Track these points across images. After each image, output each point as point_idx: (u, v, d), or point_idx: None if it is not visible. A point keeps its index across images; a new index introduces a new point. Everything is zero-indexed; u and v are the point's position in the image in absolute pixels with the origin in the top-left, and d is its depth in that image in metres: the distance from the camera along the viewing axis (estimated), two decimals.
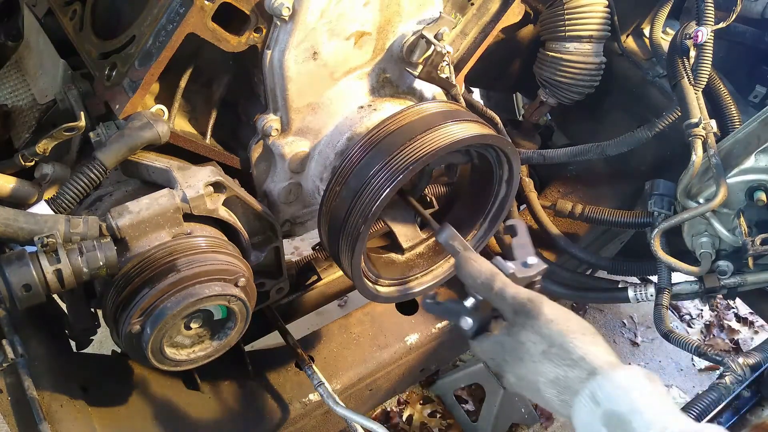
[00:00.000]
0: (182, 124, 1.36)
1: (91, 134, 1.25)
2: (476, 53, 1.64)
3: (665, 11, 1.95)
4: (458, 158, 1.43)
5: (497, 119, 1.68)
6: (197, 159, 1.34)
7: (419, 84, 1.51)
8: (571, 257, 1.90)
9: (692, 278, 1.73)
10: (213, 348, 1.28)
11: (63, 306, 1.41)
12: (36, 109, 1.39)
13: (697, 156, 1.59)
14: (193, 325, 1.24)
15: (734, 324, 3.19)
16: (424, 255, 1.51)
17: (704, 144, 1.59)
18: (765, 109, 1.54)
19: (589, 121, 2.10)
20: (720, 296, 1.76)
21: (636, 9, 2.00)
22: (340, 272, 1.97)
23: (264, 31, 1.25)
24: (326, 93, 1.38)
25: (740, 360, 1.50)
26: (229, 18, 1.21)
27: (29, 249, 1.08)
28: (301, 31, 1.26)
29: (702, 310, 3.25)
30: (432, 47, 1.38)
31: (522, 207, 1.96)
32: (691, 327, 3.18)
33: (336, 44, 1.32)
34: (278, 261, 1.50)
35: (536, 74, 1.92)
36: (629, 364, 0.94)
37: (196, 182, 1.23)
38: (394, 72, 1.46)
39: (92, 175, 1.19)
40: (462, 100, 1.51)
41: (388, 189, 1.19)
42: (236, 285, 1.23)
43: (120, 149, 1.20)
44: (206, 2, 1.16)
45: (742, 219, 1.62)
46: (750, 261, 1.62)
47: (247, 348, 1.75)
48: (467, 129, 1.26)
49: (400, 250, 1.47)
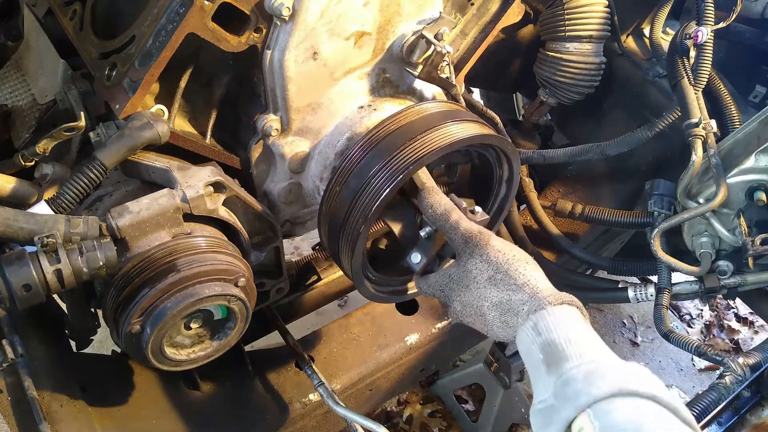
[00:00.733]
0: (182, 124, 1.36)
1: (91, 134, 1.25)
2: (476, 53, 1.64)
3: (665, 11, 1.96)
4: (458, 158, 1.43)
5: (497, 119, 1.68)
6: (197, 159, 1.34)
7: (419, 84, 1.51)
8: (571, 257, 1.90)
9: (692, 278, 1.73)
10: (213, 348, 1.28)
11: (63, 306, 1.41)
12: (36, 109, 1.39)
13: (697, 156, 1.59)
14: (193, 325, 1.24)
15: (734, 324, 3.19)
16: None
17: (704, 144, 1.60)
18: (765, 109, 1.54)
19: (589, 121, 2.10)
20: (720, 296, 1.76)
21: (636, 9, 2.00)
22: (340, 272, 1.97)
23: (264, 31, 1.25)
24: (326, 93, 1.38)
25: (740, 360, 1.50)
26: (229, 18, 1.21)
27: (29, 249, 1.08)
28: (301, 31, 1.26)
29: (702, 310, 3.25)
30: (432, 47, 1.38)
31: (522, 207, 1.96)
32: (691, 327, 3.18)
33: (336, 44, 1.32)
34: (278, 261, 1.50)
35: (536, 74, 1.92)
36: (563, 304, 1.02)
37: (196, 182, 1.23)
38: (394, 72, 1.46)
39: (92, 175, 1.19)
40: (462, 100, 1.51)
41: (388, 189, 1.19)
42: (236, 285, 1.23)
43: (120, 149, 1.20)
44: (206, 2, 1.16)
45: (742, 219, 1.62)
46: (750, 261, 1.61)
47: (247, 348, 1.75)
48: (467, 129, 1.26)
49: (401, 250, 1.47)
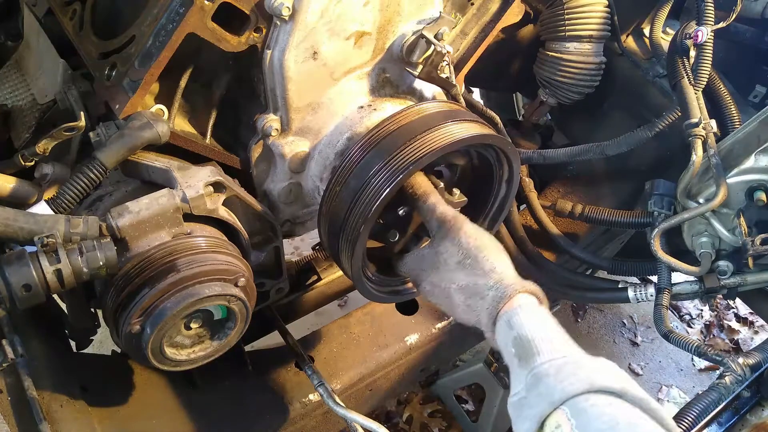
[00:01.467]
0: (182, 124, 1.35)
1: (91, 134, 1.25)
2: (476, 53, 1.64)
3: (665, 11, 1.95)
4: (458, 158, 1.43)
5: (497, 119, 1.67)
6: (197, 159, 1.33)
7: (419, 84, 1.51)
8: (571, 257, 1.90)
9: (692, 278, 1.72)
10: (213, 348, 1.28)
11: (63, 306, 1.41)
12: (36, 109, 1.39)
13: (697, 156, 1.59)
14: (193, 325, 1.24)
15: (734, 324, 3.19)
16: None
17: (704, 144, 1.59)
18: (765, 109, 1.53)
19: (589, 121, 2.10)
20: (720, 296, 1.76)
21: (636, 9, 2.00)
22: (340, 272, 1.97)
23: (264, 31, 1.25)
24: (326, 93, 1.38)
25: (740, 360, 1.50)
26: (229, 18, 1.21)
27: (29, 249, 1.08)
28: (301, 31, 1.25)
29: (702, 310, 3.25)
30: (432, 47, 1.38)
31: (522, 207, 1.95)
32: (691, 327, 3.18)
33: (336, 44, 1.32)
34: (278, 261, 1.50)
35: (536, 74, 1.91)
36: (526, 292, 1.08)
37: (196, 182, 1.23)
38: (394, 72, 1.46)
39: (92, 175, 1.19)
40: (462, 100, 1.51)
41: (388, 189, 1.19)
42: (236, 285, 1.23)
43: (120, 149, 1.20)
44: (206, 2, 1.15)
45: (742, 219, 1.62)
46: (750, 261, 1.61)
47: (247, 348, 1.76)
48: (467, 129, 1.26)
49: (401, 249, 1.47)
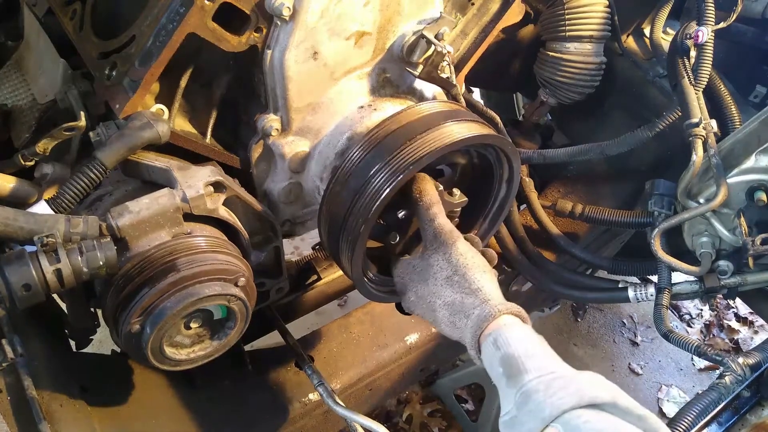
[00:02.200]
0: (182, 124, 1.35)
1: (91, 134, 1.25)
2: (476, 53, 1.63)
3: (666, 11, 1.95)
4: (459, 157, 1.43)
5: (497, 119, 1.67)
6: (197, 159, 1.33)
7: (419, 84, 1.51)
8: (571, 257, 1.90)
9: (692, 278, 1.72)
10: (213, 348, 1.28)
11: (63, 306, 1.41)
12: (36, 109, 1.39)
13: (698, 156, 1.59)
14: (193, 325, 1.24)
15: (734, 324, 3.19)
16: None
17: (704, 144, 1.59)
18: (765, 109, 1.53)
19: (590, 121, 2.10)
20: (720, 296, 1.76)
21: (636, 9, 2.00)
22: (340, 272, 1.97)
23: (264, 31, 1.25)
24: (326, 93, 1.38)
25: (740, 360, 1.50)
26: (230, 18, 1.21)
27: (29, 249, 1.07)
28: (302, 31, 1.25)
29: (702, 310, 3.25)
30: (432, 47, 1.38)
31: (522, 207, 1.95)
32: (691, 327, 3.19)
33: (336, 44, 1.32)
34: (278, 261, 1.50)
35: (536, 74, 1.91)
36: (510, 313, 1.08)
37: (196, 182, 1.23)
38: (395, 72, 1.46)
39: (92, 175, 1.19)
40: (462, 100, 1.50)
41: (389, 189, 1.19)
42: (236, 285, 1.23)
43: (120, 149, 1.20)
44: (206, 2, 1.15)
45: (743, 219, 1.62)
46: (750, 261, 1.61)
47: (247, 347, 1.75)
48: (467, 129, 1.26)
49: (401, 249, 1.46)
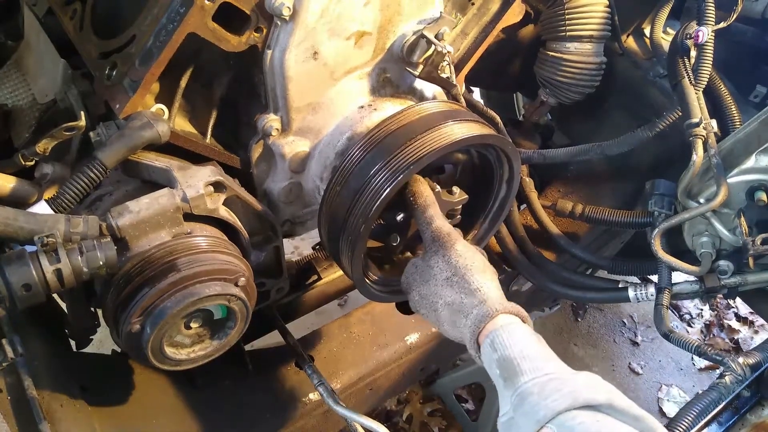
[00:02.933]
0: (182, 124, 1.35)
1: (92, 134, 1.25)
2: (477, 53, 1.63)
3: (666, 11, 1.95)
4: (459, 157, 1.43)
5: (498, 119, 1.67)
6: (197, 159, 1.33)
7: (420, 84, 1.51)
8: (572, 257, 1.90)
9: (692, 278, 1.72)
10: (213, 347, 1.28)
11: (63, 305, 1.41)
12: (36, 109, 1.38)
13: (698, 156, 1.59)
14: (193, 325, 1.24)
15: (734, 324, 3.19)
16: None
17: (705, 144, 1.59)
18: (765, 109, 1.53)
19: (590, 121, 2.10)
20: (720, 296, 1.76)
21: (636, 9, 2.00)
22: (340, 272, 1.97)
23: (264, 31, 1.25)
24: (326, 93, 1.38)
25: (740, 360, 1.50)
26: (230, 18, 1.21)
27: (29, 248, 1.07)
28: (302, 31, 1.25)
29: (702, 310, 3.25)
30: (432, 47, 1.38)
31: (522, 207, 1.95)
32: (691, 326, 3.18)
33: (336, 44, 1.32)
34: (278, 261, 1.50)
35: (537, 74, 1.91)
36: (509, 313, 1.09)
37: (197, 182, 1.23)
38: (395, 72, 1.46)
39: (92, 175, 1.19)
40: (462, 100, 1.50)
41: (389, 189, 1.19)
42: (236, 284, 1.23)
43: (120, 149, 1.20)
44: (207, 2, 1.15)
45: (743, 219, 1.62)
46: (750, 261, 1.61)
47: (247, 347, 1.75)
48: (468, 129, 1.26)
49: (401, 250, 1.47)
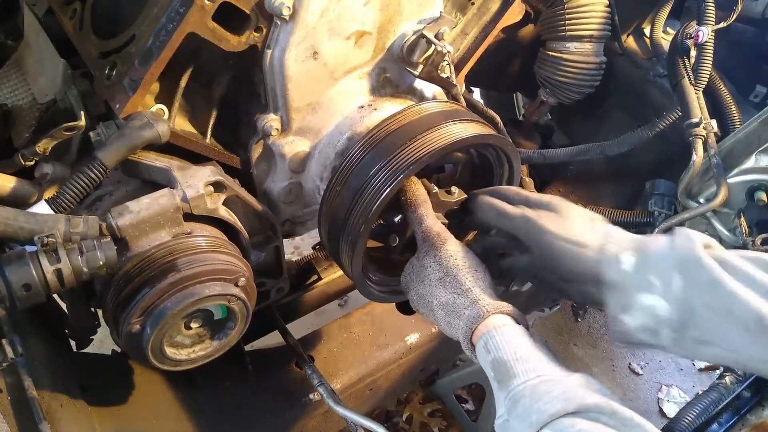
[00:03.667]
0: (182, 124, 1.35)
1: (91, 134, 1.25)
2: (477, 53, 1.63)
3: (666, 11, 1.96)
4: (459, 157, 1.43)
5: (498, 119, 1.67)
6: (197, 159, 1.33)
7: (420, 83, 1.51)
8: None
9: None
10: (213, 348, 1.28)
11: (63, 305, 1.41)
12: (36, 109, 1.38)
13: (698, 156, 1.59)
14: (194, 325, 1.24)
15: None
16: None
17: (705, 144, 1.59)
18: (765, 109, 1.54)
19: (590, 121, 2.10)
20: None
21: (636, 8, 2.00)
22: (340, 272, 1.97)
23: (264, 31, 1.25)
24: (326, 92, 1.38)
25: None
26: (230, 17, 1.21)
27: (29, 248, 1.07)
28: (302, 31, 1.25)
29: None
30: (432, 47, 1.38)
31: None
32: None
33: (336, 44, 1.32)
34: (278, 261, 1.50)
35: (537, 74, 1.91)
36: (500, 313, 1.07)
37: (197, 182, 1.23)
38: (395, 71, 1.46)
39: (92, 175, 1.18)
40: (462, 100, 1.50)
41: (389, 189, 1.19)
42: (236, 285, 1.23)
43: (120, 149, 1.20)
44: (206, 2, 1.15)
45: (743, 219, 1.62)
46: None
47: (247, 347, 1.75)
48: (468, 129, 1.26)
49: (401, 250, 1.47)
